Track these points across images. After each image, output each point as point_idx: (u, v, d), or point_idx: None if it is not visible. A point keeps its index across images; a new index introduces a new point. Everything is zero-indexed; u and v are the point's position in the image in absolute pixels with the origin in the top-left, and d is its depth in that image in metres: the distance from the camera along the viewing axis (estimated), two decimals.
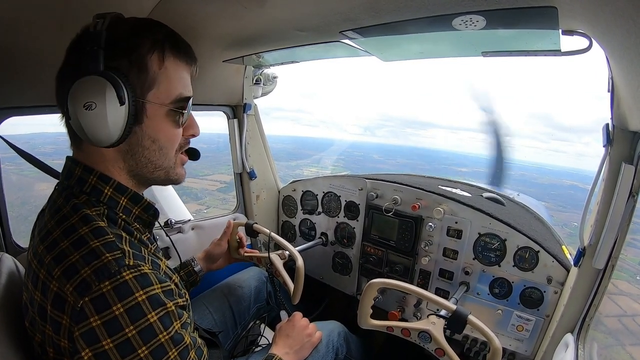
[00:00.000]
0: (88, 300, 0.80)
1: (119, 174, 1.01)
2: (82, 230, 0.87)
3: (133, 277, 0.84)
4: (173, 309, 0.89)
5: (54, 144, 4.38)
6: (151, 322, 0.84)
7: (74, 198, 0.94)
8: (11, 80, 1.43)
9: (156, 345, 0.84)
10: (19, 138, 1.50)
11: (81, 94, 0.88)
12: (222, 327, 1.80)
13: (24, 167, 1.47)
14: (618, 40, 0.94)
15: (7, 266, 1.18)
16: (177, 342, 0.89)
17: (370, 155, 64.23)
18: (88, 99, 0.87)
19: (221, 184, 14.12)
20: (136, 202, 1.04)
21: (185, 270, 1.76)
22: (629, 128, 1.23)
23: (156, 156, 1.02)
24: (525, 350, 1.78)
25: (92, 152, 0.98)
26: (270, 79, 2.44)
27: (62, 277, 0.83)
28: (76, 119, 0.88)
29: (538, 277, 1.71)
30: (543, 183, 52.33)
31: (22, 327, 1.01)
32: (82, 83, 0.88)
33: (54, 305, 0.84)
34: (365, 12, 1.16)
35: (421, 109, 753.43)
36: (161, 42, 0.98)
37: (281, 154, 37.54)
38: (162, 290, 0.88)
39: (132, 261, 0.86)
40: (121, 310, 0.80)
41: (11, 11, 1.09)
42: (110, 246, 0.86)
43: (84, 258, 0.83)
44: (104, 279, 0.81)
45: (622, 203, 1.24)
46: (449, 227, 1.94)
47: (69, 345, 0.83)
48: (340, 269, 2.47)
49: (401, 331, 1.51)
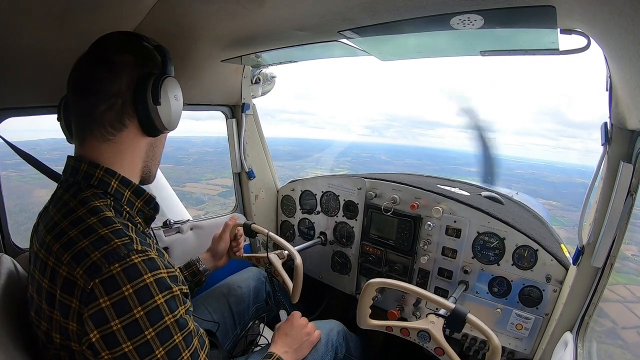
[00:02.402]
0: (98, 282, 0.84)
1: (134, 165, 1.12)
2: (91, 220, 0.92)
3: (141, 260, 0.88)
4: (178, 293, 0.94)
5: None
6: (158, 304, 0.88)
7: (82, 192, 0.98)
8: (10, 80, 1.42)
9: (162, 327, 0.88)
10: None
11: (172, 87, 1.11)
12: (221, 327, 1.80)
13: (24, 173, 1.48)
14: (616, 39, 0.94)
15: (6, 267, 1.18)
16: (182, 326, 0.93)
17: (377, 156, 64.10)
18: (175, 93, 1.12)
19: (222, 188, 14.04)
20: (138, 195, 1.11)
21: (190, 270, 1.77)
22: (627, 127, 1.23)
23: (160, 151, 1.22)
24: (524, 349, 1.79)
25: (124, 141, 1.07)
26: (269, 79, 2.44)
27: (72, 262, 0.87)
28: (167, 104, 1.08)
29: (537, 276, 1.71)
30: (554, 181, 52.08)
31: (23, 324, 1.03)
32: (170, 81, 1.10)
33: (64, 289, 0.87)
34: (364, 11, 1.16)
35: (427, 108, 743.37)
36: (169, 60, 1.16)
37: (287, 156, 37.39)
38: (168, 275, 0.93)
39: (140, 246, 0.91)
40: (130, 291, 0.85)
41: (10, 12, 1.09)
42: (119, 233, 0.91)
43: (94, 244, 0.88)
44: (114, 262, 0.85)
45: (621, 201, 1.24)
46: (447, 226, 1.94)
47: (77, 328, 0.87)
48: (339, 269, 2.47)
49: (400, 331, 1.51)
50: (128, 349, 0.85)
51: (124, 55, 1.04)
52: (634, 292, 2.33)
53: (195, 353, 0.96)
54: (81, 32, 1.01)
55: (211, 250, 1.87)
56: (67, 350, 0.92)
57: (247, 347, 1.89)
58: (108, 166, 1.03)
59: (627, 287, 1.99)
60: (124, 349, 0.84)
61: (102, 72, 1.02)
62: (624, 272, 1.56)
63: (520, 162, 77.38)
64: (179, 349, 0.91)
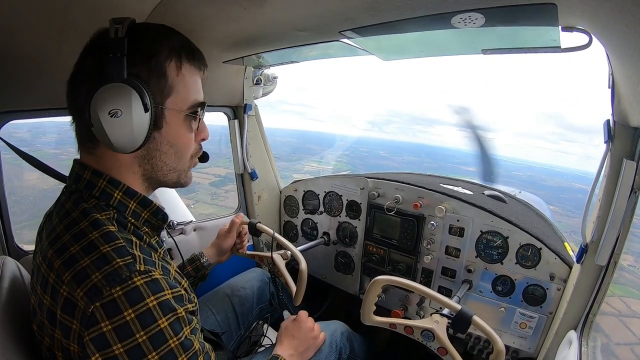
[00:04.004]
0: (99, 306, 0.80)
1: (132, 178, 1.02)
2: (93, 235, 0.87)
3: (144, 282, 0.84)
4: (183, 314, 0.89)
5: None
6: (162, 327, 0.84)
7: (83, 202, 0.94)
8: (11, 84, 1.43)
9: (166, 351, 0.84)
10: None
11: (106, 101, 0.88)
12: (225, 328, 1.80)
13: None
14: (618, 36, 0.94)
15: (9, 270, 1.17)
16: (187, 347, 0.89)
17: (376, 152, 63.67)
18: (114, 107, 0.88)
19: (215, 178, 13.80)
20: (145, 206, 1.04)
21: (193, 265, 1.74)
22: (630, 124, 1.22)
23: (172, 159, 1.05)
24: (528, 348, 1.78)
25: (106, 156, 0.98)
26: (271, 79, 2.44)
27: (73, 282, 0.83)
28: (100, 126, 0.88)
29: (541, 275, 1.71)
30: (552, 185, 51.49)
31: (27, 330, 1.01)
32: (107, 90, 0.88)
33: (64, 310, 0.84)
34: (365, 11, 1.16)
35: (428, 105, 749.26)
36: (178, 49, 1.00)
37: (286, 147, 37.12)
38: (173, 295, 0.88)
39: (143, 267, 0.86)
40: (132, 315, 0.81)
41: (10, 14, 1.09)
42: (121, 251, 0.86)
43: (95, 263, 0.83)
44: (115, 285, 0.81)
45: (624, 199, 1.23)
46: (451, 225, 1.94)
47: (78, 350, 0.84)
48: (342, 269, 2.47)
49: (404, 328, 1.50)
50: None
51: (86, 62, 0.95)
52: (629, 305, 2.21)
53: None
54: (81, 34, 1.01)
55: (216, 246, 1.84)
56: None
57: (251, 348, 1.90)
58: (112, 176, 0.98)
59: (623, 299, 1.90)
60: None
61: (73, 82, 0.97)
62: (620, 283, 1.54)
63: (519, 163, 76.83)
64: None
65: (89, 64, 0.95)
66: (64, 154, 4.71)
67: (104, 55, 0.89)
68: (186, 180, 1.13)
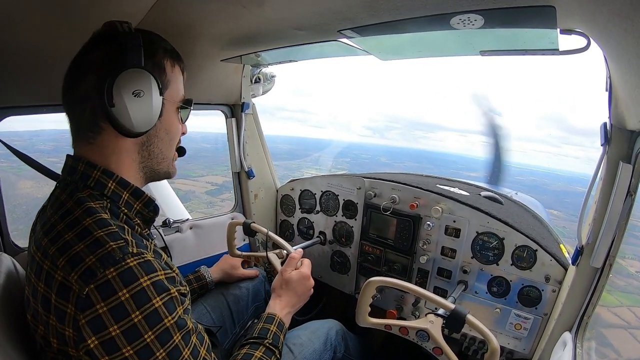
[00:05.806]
0: (93, 287, 0.83)
1: (129, 166, 1.08)
2: (86, 221, 0.90)
3: (137, 263, 0.87)
4: (176, 294, 0.93)
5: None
6: (156, 307, 0.87)
7: (78, 192, 0.97)
8: (9, 79, 1.42)
9: (162, 330, 0.87)
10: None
11: (130, 82, 0.97)
12: (220, 326, 1.80)
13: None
14: (616, 40, 0.95)
15: (5, 266, 1.18)
16: (181, 326, 0.92)
17: (377, 158, 63.75)
18: (137, 87, 0.98)
19: (212, 186, 13.80)
20: (137, 197, 1.08)
21: (195, 274, 1.84)
22: (626, 127, 1.23)
23: (166, 147, 1.14)
24: (523, 349, 1.79)
25: (107, 144, 1.03)
26: (269, 78, 2.44)
27: (67, 266, 0.86)
28: (124, 105, 0.96)
29: (536, 276, 1.71)
30: (555, 190, 51.36)
31: (22, 325, 1.02)
32: (130, 73, 0.97)
33: (59, 295, 0.86)
34: (364, 11, 1.16)
35: (429, 110, 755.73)
36: (170, 51, 1.12)
37: (285, 154, 37.12)
38: (166, 276, 0.92)
39: (135, 249, 0.89)
40: (127, 295, 0.83)
41: (9, 10, 1.09)
42: (114, 236, 0.89)
43: (89, 247, 0.86)
44: (109, 266, 0.84)
45: (620, 202, 1.24)
46: (447, 226, 1.94)
47: (74, 334, 0.86)
48: (338, 268, 2.47)
49: (399, 329, 1.51)
50: (128, 353, 0.84)
51: (94, 54, 1.01)
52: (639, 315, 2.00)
53: (195, 350, 0.96)
54: (80, 31, 1.01)
55: (225, 273, 1.96)
56: (65, 355, 0.91)
57: None
58: (105, 167, 1.02)
59: (632, 309, 1.74)
60: (124, 353, 0.84)
61: (73, 74, 1.02)
62: (628, 291, 1.51)
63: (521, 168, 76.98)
64: (179, 349, 0.91)
65: (98, 54, 1.01)
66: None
67: (122, 45, 0.98)
68: (173, 170, 1.21)
